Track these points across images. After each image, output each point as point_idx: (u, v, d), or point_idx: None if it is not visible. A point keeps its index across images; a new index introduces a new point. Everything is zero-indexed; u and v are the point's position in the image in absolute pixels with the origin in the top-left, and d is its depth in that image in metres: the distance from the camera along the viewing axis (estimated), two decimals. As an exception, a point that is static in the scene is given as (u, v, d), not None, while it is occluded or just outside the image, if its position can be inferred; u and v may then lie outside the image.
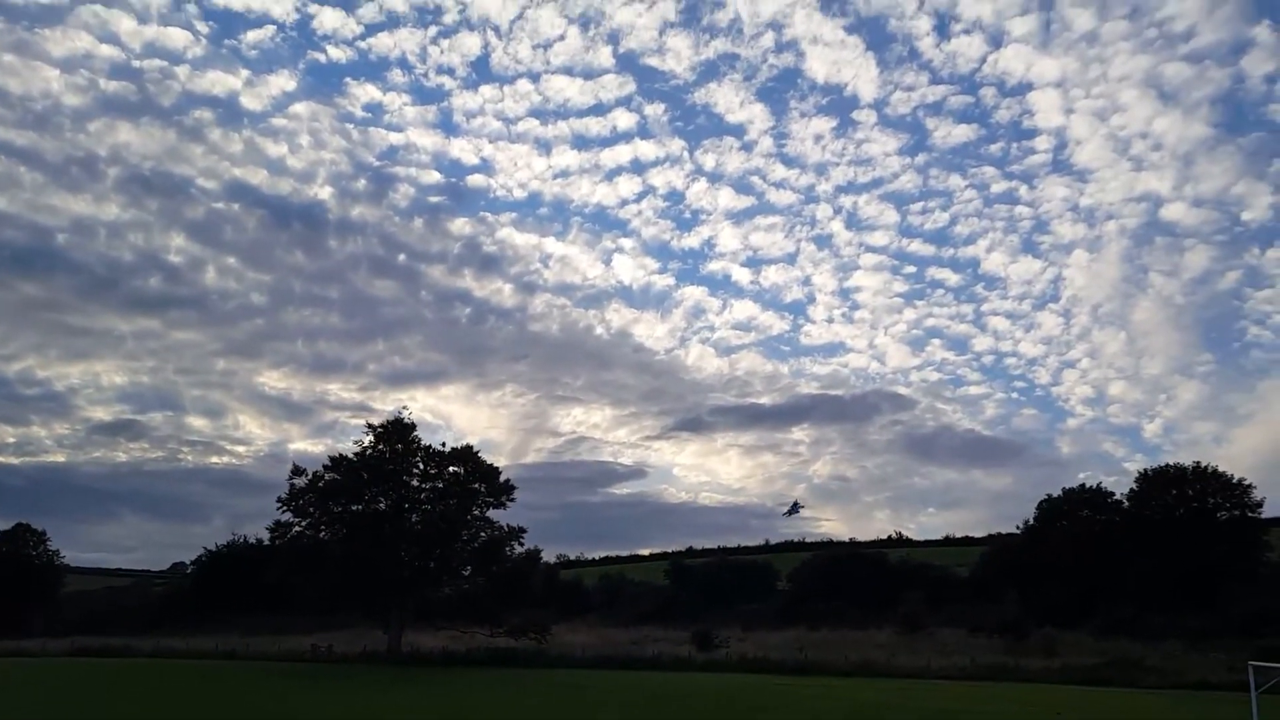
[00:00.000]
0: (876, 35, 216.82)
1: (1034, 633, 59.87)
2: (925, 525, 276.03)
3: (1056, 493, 78.20)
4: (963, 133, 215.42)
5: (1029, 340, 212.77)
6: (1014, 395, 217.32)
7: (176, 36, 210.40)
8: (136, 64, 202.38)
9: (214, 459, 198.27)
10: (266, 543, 64.66)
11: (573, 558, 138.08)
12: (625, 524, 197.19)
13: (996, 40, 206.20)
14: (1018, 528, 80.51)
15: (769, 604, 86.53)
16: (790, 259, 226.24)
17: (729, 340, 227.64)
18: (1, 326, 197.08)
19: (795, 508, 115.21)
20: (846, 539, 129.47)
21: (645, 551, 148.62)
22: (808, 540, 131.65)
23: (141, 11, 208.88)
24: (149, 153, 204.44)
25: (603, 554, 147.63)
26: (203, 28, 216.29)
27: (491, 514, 61.59)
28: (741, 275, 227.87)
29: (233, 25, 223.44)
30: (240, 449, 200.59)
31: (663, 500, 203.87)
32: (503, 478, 62.00)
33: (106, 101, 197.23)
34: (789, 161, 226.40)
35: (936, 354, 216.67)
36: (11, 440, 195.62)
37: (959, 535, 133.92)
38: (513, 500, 61.80)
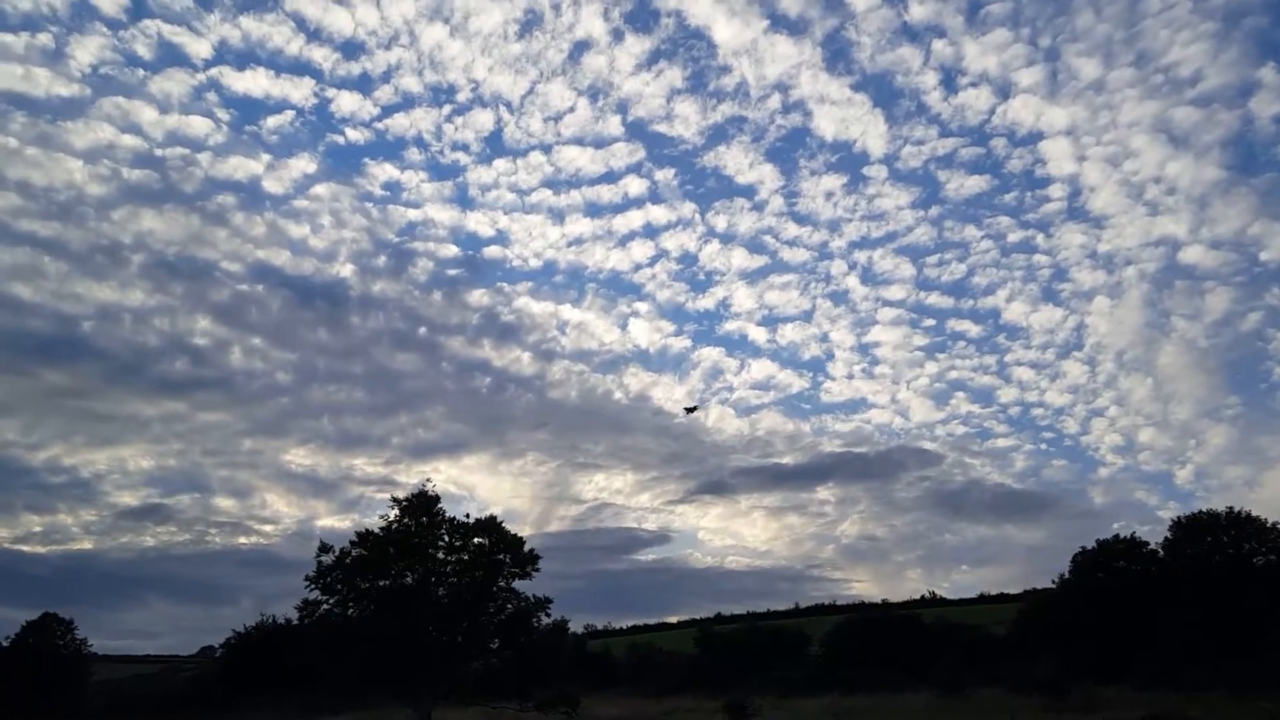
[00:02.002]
0: (883, 91, 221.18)
1: (1074, 689, 58.64)
2: (959, 583, 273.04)
3: (1090, 544, 77.11)
4: (975, 184, 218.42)
5: (1055, 390, 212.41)
6: (1043, 446, 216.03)
7: (198, 124, 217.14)
8: (159, 152, 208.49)
9: (242, 539, 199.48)
10: (295, 622, 64.36)
11: (600, 627, 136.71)
12: (651, 591, 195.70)
13: (1004, 91, 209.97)
14: (1053, 582, 79.23)
15: (802, 670, 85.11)
16: (806, 316, 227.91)
17: (748, 400, 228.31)
18: (28, 415, 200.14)
19: (692, 409, 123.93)
20: (879, 600, 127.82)
21: (673, 619, 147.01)
22: (839, 603, 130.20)
23: (163, 101, 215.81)
24: (173, 238, 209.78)
25: (630, 622, 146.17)
26: (223, 115, 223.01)
27: (517, 585, 61.26)
28: (758, 334, 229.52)
29: (253, 112, 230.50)
30: (268, 528, 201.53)
31: (688, 565, 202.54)
32: (527, 547, 61.72)
33: (130, 190, 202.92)
34: (801, 219, 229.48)
35: (961, 407, 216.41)
36: (38, 529, 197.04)
37: (994, 592, 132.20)
38: (538, 570, 61.41)
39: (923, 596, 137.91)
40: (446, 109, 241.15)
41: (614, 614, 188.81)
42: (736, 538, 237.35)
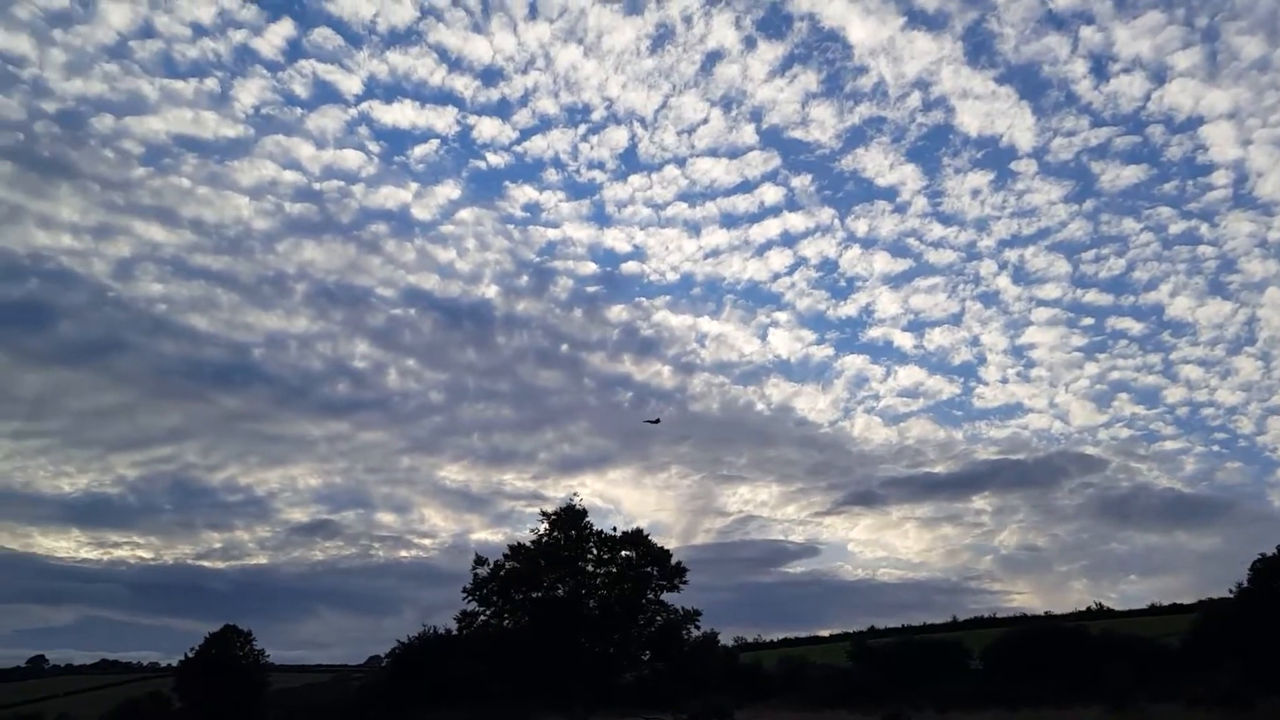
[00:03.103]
0: (1029, 83, 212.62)
1: (1259, 703, 54.74)
2: (1127, 594, 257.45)
3: (1272, 550, 71.87)
4: (1132, 174, 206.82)
5: (1226, 388, 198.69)
6: (1215, 448, 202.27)
7: (351, 158, 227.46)
8: (317, 186, 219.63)
9: (403, 553, 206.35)
10: (455, 632, 66.48)
11: (751, 640, 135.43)
12: (802, 604, 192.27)
13: (1159, 76, 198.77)
14: (1231, 591, 74.19)
15: (961, 684, 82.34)
16: (955, 320, 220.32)
17: (896, 408, 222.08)
18: (207, 439, 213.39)
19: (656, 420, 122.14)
20: (1041, 613, 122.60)
21: (825, 632, 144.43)
22: (999, 615, 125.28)
23: (319, 137, 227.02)
24: (332, 267, 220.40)
25: (781, 635, 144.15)
26: (374, 147, 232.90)
27: (666, 597, 61.69)
28: (904, 340, 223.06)
29: (401, 142, 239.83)
30: (426, 541, 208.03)
31: (839, 578, 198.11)
32: (674, 560, 62.18)
33: (292, 223, 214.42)
34: (946, 219, 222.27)
35: (1125, 409, 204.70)
36: (219, 545, 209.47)
37: (1165, 603, 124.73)
38: (685, 583, 61.79)
39: (1089, 608, 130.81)
40: (582, 128, 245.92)
41: (764, 626, 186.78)
42: (888, 549, 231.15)
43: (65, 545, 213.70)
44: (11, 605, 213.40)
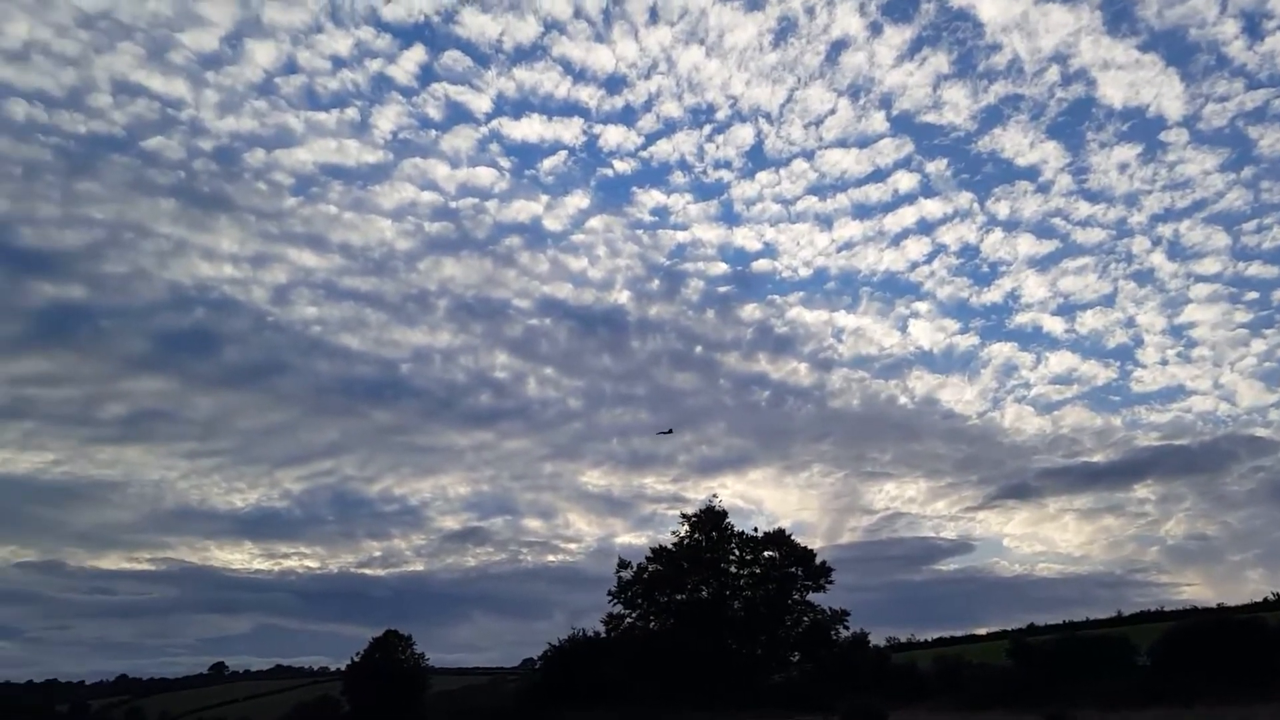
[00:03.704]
0: (1176, 48, 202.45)
1: None
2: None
3: None
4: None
5: None
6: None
7: (484, 175, 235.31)
8: (453, 204, 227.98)
9: (550, 557, 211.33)
10: (602, 635, 67.37)
11: (904, 640, 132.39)
12: (956, 601, 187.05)
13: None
14: None
15: (1129, 681, 78.49)
16: (1108, 301, 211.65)
17: (1048, 396, 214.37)
18: (363, 452, 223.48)
19: (669, 431, 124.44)
20: (1214, 604, 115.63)
21: (981, 630, 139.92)
22: (1167, 609, 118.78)
23: (453, 157, 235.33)
24: (470, 282, 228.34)
25: (935, 634, 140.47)
26: (505, 163, 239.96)
27: (812, 597, 61.01)
28: (1054, 325, 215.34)
29: (530, 156, 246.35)
30: (572, 546, 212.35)
31: (995, 574, 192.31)
32: (819, 560, 61.44)
33: (431, 241, 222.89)
34: (1093, 197, 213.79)
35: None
36: (378, 554, 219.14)
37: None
38: (831, 583, 60.96)
39: (1265, 599, 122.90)
40: (707, 129, 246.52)
41: (917, 626, 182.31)
42: (1046, 543, 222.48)
43: (240, 558, 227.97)
44: (194, 616, 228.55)
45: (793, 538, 61.98)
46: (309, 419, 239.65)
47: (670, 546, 61.84)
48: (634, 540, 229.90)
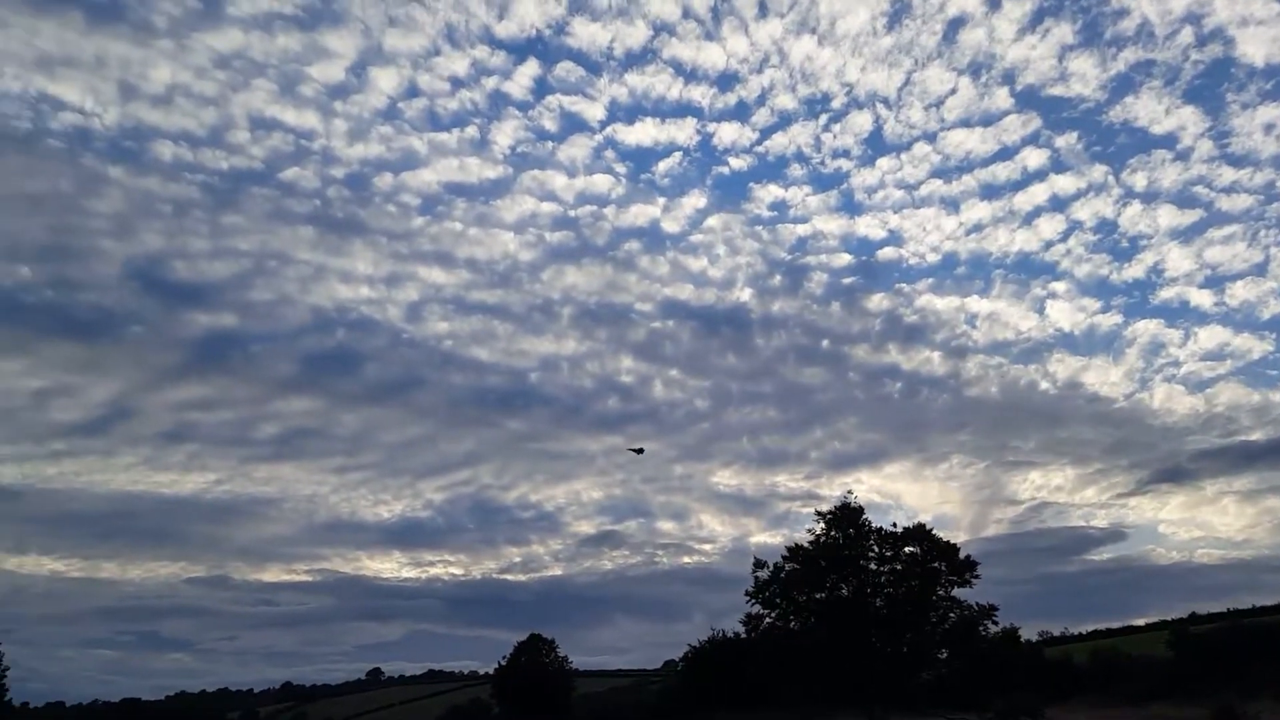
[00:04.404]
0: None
1: None
2: None
3: None
4: None
5: None
6: None
7: (601, 182, 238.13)
8: (572, 213, 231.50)
9: (685, 559, 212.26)
10: (742, 635, 67.21)
11: (1057, 633, 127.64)
12: (1110, 592, 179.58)
13: None
14: None
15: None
16: (1259, 270, 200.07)
17: (1199, 374, 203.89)
18: (498, 460, 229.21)
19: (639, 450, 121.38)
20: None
21: (1140, 620, 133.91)
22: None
23: (570, 167, 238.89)
24: (592, 289, 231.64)
25: (1090, 627, 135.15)
26: (620, 168, 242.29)
27: (957, 593, 59.48)
28: (1202, 298, 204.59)
29: (645, 160, 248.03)
30: (706, 547, 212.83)
31: (1151, 563, 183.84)
32: (963, 554, 59.83)
33: (552, 251, 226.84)
34: (1237, 161, 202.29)
35: None
36: (518, 559, 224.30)
37: None
38: (977, 577, 59.21)
39: None
40: (823, 118, 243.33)
41: (1070, 618, 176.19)
42: (1205, 528, 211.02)
43: (389, 566, 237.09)
44: (350, 623, 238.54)
45: (934, 532, 60.52)
46: (446, 430, 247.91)
47: (807, 545, 61.17)
48: (768, 540, 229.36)
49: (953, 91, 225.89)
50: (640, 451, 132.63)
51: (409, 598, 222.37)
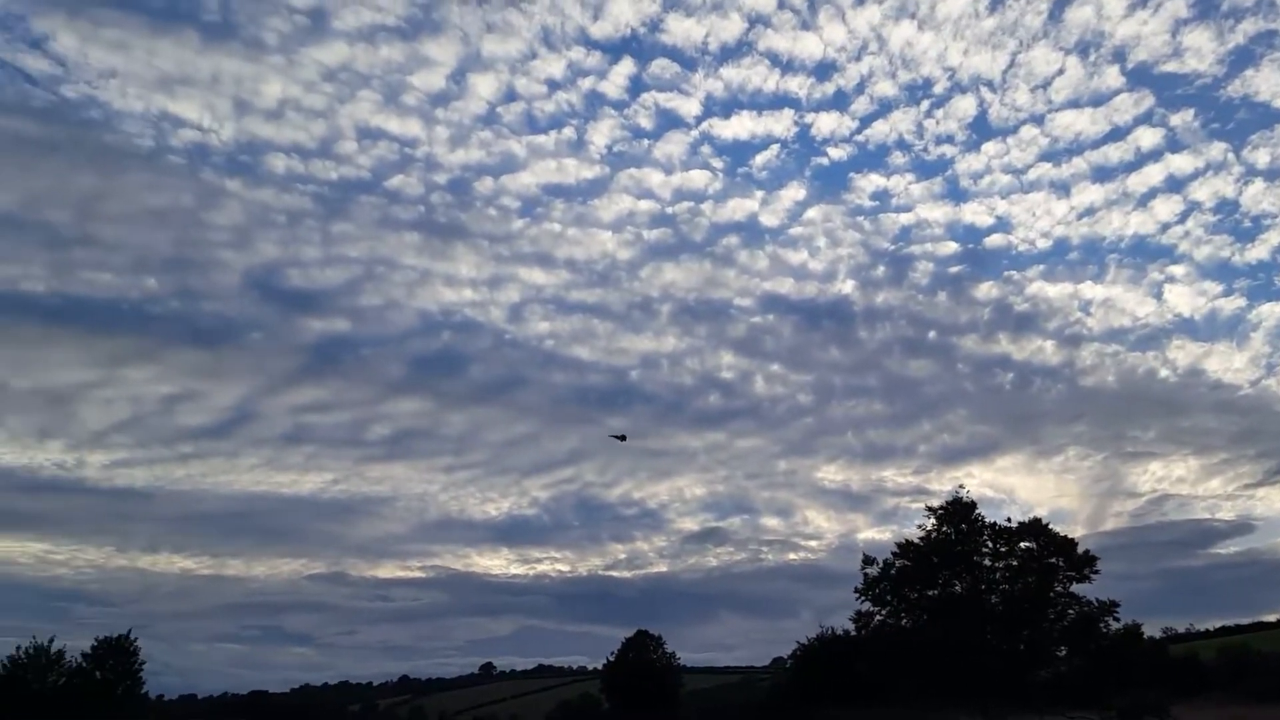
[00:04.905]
0: None
1: None
2: None
3: None
4: None
5: None
6: None
7: (697, 178, 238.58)
8: (669, 210, 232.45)
9: (791, 555, 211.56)
10: (852, 633, 66.80)
11: (1182, 630, 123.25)
12: (1239, 587, 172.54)
13: None
14: None
15: None
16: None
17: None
18: (601, 458, 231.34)
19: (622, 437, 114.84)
20: None
21: (1271, 617, 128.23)
22: None
23: (666, 164, 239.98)
24: (691, 285, 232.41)
25: (1218, 623, 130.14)
26: (717, 163, 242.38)
27: (1075, 589, 58.07)
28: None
29: (742, 154, 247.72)
30: (812, 543, 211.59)
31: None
32: (1081, 549, 58.40)
33: (650, 249, 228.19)
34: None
35: None
36: (623, 556, 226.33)
37: None
38: (1097, 573, 57.72)
39: None
40: (925, 104, 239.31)
41: (1196, 614, 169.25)
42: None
43: (498, 563, 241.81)
44: (461, 619, 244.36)
45: (1050, 526, 59.25)
46: (549, 429, 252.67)
47: (917, 541, 60.51)
48: (877, 536, 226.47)
49: (1060, 72, 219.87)
50: (623, 439, 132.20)
51: (517, 594, 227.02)
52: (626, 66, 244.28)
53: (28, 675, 64.91)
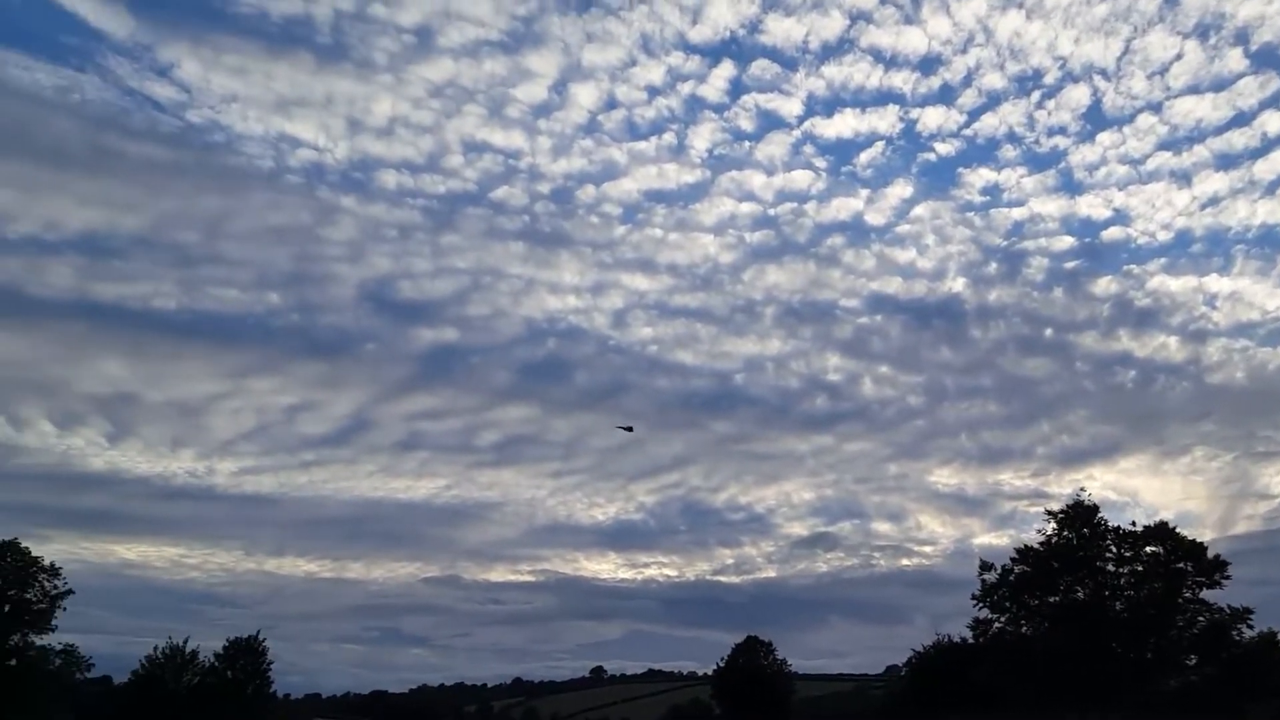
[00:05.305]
0: None
1: None
2: None
3: None
4: None
5: None
6: None
7: (799, 178, 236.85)
8: (771, 211, 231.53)
9: (904, 561, 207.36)
10: (969, 640, 65.58)
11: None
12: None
13: None
14: None
15: None
16: None
17: None
18: (706, 463, 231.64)
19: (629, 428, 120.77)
20: None
21: None
22: None
23: (768, 165, 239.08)
24: (795, 287, 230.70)
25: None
26: (820, 163, 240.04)
27: (1205, 595, 55.88)
28: None
29: (846, 152, 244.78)
30: (926, 549, 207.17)
31: None
32: (1210, 553, 56.18)
33: (753, 251, 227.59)
34: None
35: None
36: (731, 561, 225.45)
37: None
38: (1228, 578, 55.46)
39: None
40: (1035, 95, 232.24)
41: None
42: None
43: (606, 567, 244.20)
44: (571, 622, 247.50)
45: (1178, 530, 57.18)
46: (654, 434, 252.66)
47: (1037, 546, 59.10)
48: (994, 541, 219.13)
49: (1178, 57, 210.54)
50: (630, 429, 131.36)
51: (626, 598, 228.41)
52: (726, 69, 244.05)
53: (165, 675, 68.60)
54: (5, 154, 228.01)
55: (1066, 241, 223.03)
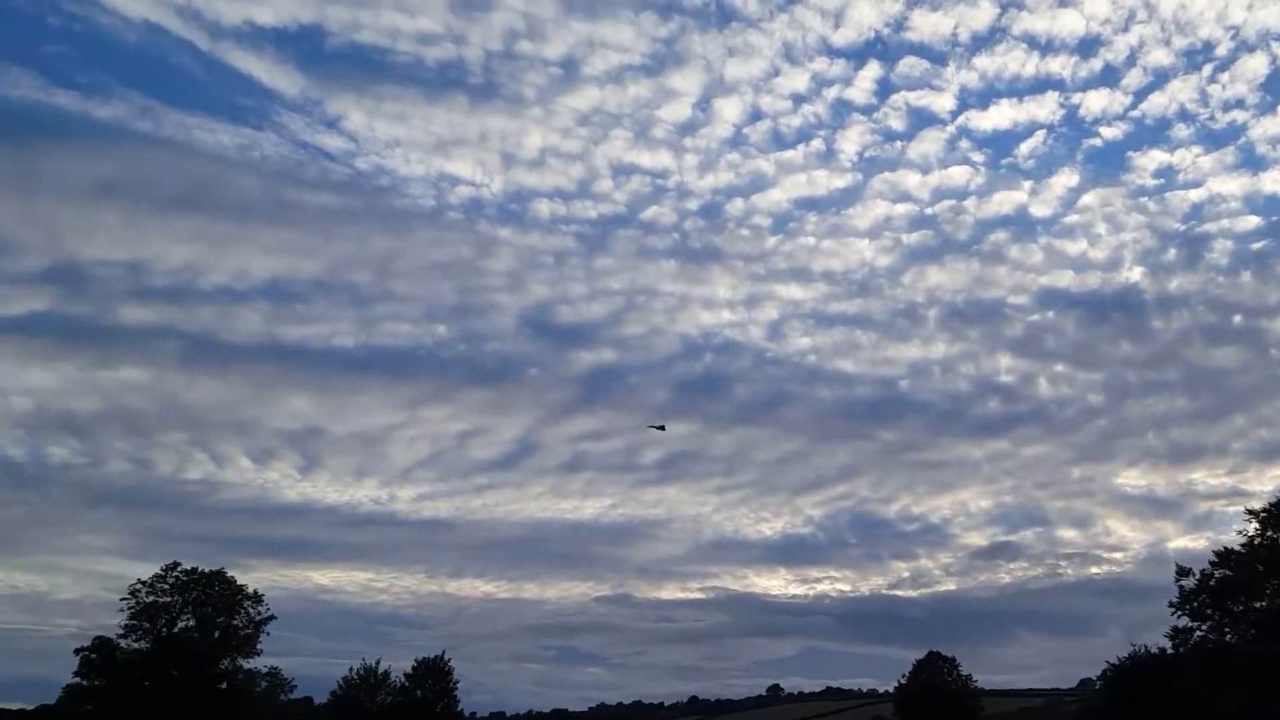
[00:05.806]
0: None
1: None
2: None
3: None
4: None
5: None
6: None
7: (957, 174, 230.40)
8: (928, 211, 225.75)
9: (1093, 569, 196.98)
10: (1169, 651, 62.07)
11: None
12: None
13: None
14: None
15: None
16: None
17: None
18: (874, 473, 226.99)
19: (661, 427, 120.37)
20: None
21: None
22: None
23: (922, 164, 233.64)
24: (959, 286, 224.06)
25: None
26: (977, 157, 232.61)
27: None
28: None
29: (1004, 144, 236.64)
30: (1116, 555, 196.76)
31: None
32: None
33: (911, 253, 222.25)
34: None
35: None
36: (906, 574, 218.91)
37: None
38: None
39: None
40: (1207, 69, 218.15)
41: None
42: None
43: (776, 583, 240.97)
44: (745, 639, 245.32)
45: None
46: (818, 445, 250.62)
47: (1238, 548, 55.49)
48: (1190, 544, 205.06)
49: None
50: (662, 428, 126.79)
51: (799, 614, 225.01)
52: (872, 70, 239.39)
53: (360, 695, 72.31)
54: (196, 211, 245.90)
55: (1252, 221, 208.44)
